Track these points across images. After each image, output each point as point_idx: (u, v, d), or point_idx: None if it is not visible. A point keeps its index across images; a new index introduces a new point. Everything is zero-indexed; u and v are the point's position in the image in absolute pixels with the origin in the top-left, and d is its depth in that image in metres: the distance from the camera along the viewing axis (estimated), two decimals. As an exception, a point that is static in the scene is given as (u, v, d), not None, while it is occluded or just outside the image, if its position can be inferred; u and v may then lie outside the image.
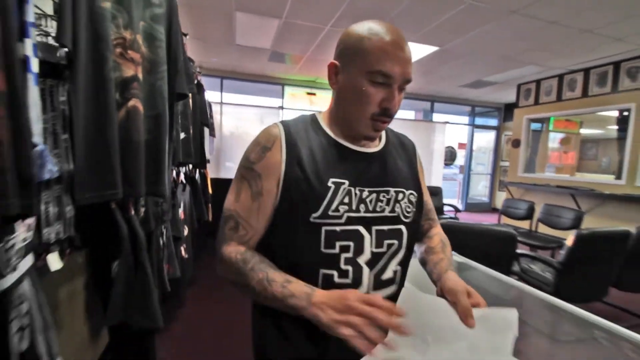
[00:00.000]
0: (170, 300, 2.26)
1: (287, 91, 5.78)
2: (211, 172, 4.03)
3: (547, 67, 4.65)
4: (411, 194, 0.69)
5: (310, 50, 4.28)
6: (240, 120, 5.47)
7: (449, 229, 1.99)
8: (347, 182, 0.62)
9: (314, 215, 0.59)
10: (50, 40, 0.81)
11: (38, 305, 0.62)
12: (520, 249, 2.75)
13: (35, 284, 0.62)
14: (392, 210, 0.65)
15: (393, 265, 0.65)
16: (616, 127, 5.12)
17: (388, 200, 0.65)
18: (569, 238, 2.03)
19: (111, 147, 0.76)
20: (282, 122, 0.67)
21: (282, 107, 5.74)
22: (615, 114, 4.93)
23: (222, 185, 4.98)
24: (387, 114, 0.60)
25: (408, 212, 0.67)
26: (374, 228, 0.63)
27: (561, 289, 2.10)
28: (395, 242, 0.65)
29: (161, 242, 1.43)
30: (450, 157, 8.14)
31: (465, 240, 1.88)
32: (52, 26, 0.83)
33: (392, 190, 0.66)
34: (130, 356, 1.03)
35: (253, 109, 5.58)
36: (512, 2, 2.81)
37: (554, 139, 6.57)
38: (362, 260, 0.61)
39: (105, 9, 0.78)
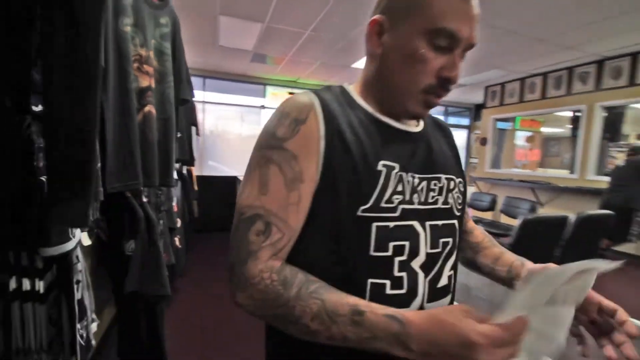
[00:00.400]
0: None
1: (268, 91, 5.94)
2: (195, 170, 4.16)
3: (510, 71, 5.05)
4: (460, 182, 0.59)
5: (291, 52, 4.47)
6: (222, 119, 5.60)
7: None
8: (397, 166, 0.50)
9: (363, 207, 0.47)
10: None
11: (84, 267, 0.80)
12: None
13: (82, 250, 0.80)
14: (445, 202, 0.54)
15: (447, 270, 0.53)
16: (570, 126, 5.61)
17: (440, 189, 0.54)
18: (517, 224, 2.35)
19: (134, 145, 0.94)
20: (312, 91, 0.53)
21: (263, 107, 5.90)
22: (570, 114, 5.42)
23: (205, 182, 5.08)
24: (446, 86, 0.49)
25: (460, 204, 0.57)
26: (428, 223, 0.51)
27: (513, 268, 2.42)
28: (450, 240, 0.54)
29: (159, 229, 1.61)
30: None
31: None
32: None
33: (443, 177, 0.55)
34: (141, 324, 1.21)
35: (235, 107, 5.72)
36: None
37: (521, 137, 7.09)
38: (416, 264, 0.49)
39: (126, 32, 0.95)
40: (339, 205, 0.47)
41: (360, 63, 4.73)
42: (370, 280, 0.47)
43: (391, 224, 0.48)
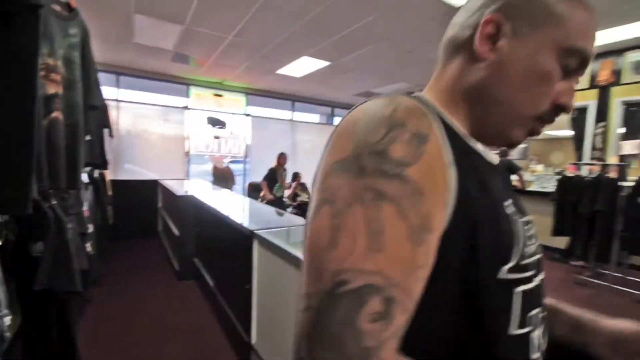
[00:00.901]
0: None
1: (192, 91, 5.80)
2: (109, 174, 3.91)
3: (415, 84, 5.80)
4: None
5: (215, 55, 4.49)
6: (141, 118, 5.30)
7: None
8: (513, 208, 0.40)
9: (506, 267, 0.35)
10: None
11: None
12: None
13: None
14: (539, 249, 0.43)
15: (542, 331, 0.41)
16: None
17: (534, 234, 0.43)
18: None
19: (40, 149, 0.99)
20: (409, 95, 0.40)
21: (187, 107, 5.75)
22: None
23: (122, 187, 4.75)
24: (559, 114, 0.41)
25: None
26: (540, 277, 0.41)
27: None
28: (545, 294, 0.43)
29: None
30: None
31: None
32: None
33: (529, 218, 0.44)
34: (51, 324, 1.23)
35: (155, 107, 5.46)
36: (384, 32, 3.58)
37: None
38: (535, 335, 0.39)
39: (31, 42, 1.00)
40: (476, 264, 0.33)
41: (288, 69, 4.97)
42: None
43: (531, 286, 0.38)
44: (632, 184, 2.98)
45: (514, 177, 4.38)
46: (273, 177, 4.89)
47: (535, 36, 0.38)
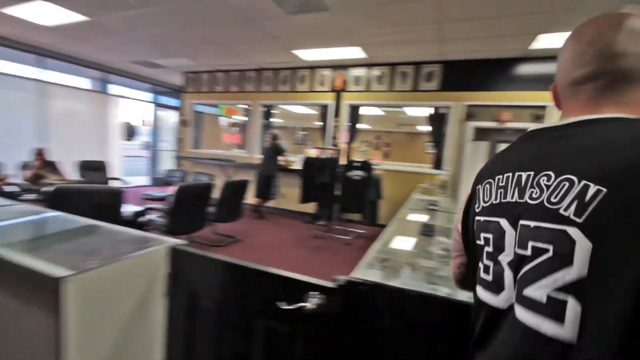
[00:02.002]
0: None
1: None
2: None
3: (200, 63, 5.80)
4: None
5: None
6: None
7: (63, 193, 2.22)
8: None
9: None
10: None
11: None
12: (151, 205, 3.48)
13: None
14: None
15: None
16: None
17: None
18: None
19: None
20: None
21: None
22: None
23: None
24: None
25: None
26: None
27: (174, 228, 2.98)
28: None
29: None
30: (129, 132, 8.15)
31: (77, 202, 2.22)
32: None
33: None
34: None
35: None
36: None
37: (224, 122, 8.27)
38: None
39: None
40: None
41: (21, 12, 3.78)
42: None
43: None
44: (344, 162, 4.25)
45: (281, 158, 5.27)
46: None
47: None
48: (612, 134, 0.44)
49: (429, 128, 5.25)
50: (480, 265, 0.54)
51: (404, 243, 1.51)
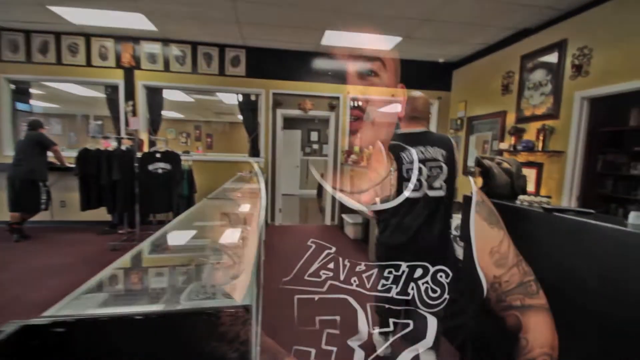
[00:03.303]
0: None
1: None
2: None
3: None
4: None
5: None
6: None
7: None
8: None
9: None
10: None
11: None
12: None
13: None
14: None
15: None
16: None
17: None
18: None
19: None
20: None
21: None
22: None
23: None
24: None
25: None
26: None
27: None
28: None
29: None
30: None
31: None
32: None
33: None
34: None
35: None
36: None
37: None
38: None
39: None
40: None
41: None
42: None
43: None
44: (141, 154, 3.53)
45: (50, 154, 3.90)
46: None
47: None
48: (435, 135, 1.75)
49: (241, 117, 5.15)
50: (409, 184, 1.56)
51: (178, 238, 1.25)
